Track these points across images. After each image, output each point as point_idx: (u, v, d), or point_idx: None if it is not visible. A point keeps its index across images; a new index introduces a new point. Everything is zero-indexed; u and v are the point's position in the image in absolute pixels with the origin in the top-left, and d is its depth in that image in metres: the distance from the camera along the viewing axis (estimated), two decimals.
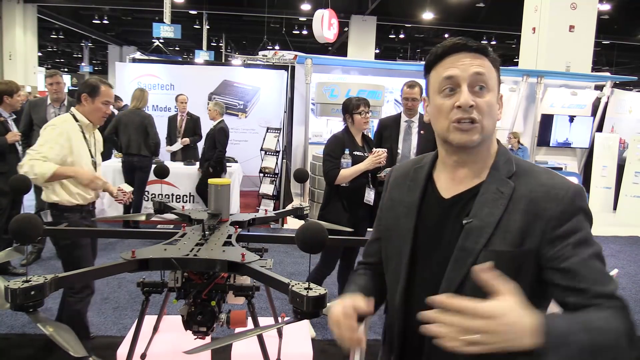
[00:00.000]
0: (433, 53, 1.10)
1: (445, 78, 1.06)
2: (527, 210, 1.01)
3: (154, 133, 5.57)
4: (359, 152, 3.29)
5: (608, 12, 13.32)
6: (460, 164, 1.11)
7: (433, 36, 19.91)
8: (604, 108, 8.61)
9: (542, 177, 1.05)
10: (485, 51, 1.08)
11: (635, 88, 13.41)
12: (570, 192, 1.01)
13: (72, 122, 2.76)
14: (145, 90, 5.85)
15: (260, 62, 9.72)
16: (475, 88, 1.04)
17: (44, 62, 27.25)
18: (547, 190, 1.02)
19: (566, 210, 0.99)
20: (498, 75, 1.10)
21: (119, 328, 3.41)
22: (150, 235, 2.25)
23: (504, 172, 1.08)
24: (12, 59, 15.07)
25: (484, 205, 1.05)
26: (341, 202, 3.27)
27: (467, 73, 1.04)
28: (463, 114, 1.03)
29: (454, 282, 1.03)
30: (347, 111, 3.30)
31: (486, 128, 1.05)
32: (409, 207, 1.15)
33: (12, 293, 1.25)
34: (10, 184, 2.21)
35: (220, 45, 23.90)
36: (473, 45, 1.06)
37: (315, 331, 3.41)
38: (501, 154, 1.11)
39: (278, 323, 2.34)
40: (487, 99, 1.05)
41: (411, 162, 1.25)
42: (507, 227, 1.01)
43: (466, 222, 1.05)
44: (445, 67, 1.07)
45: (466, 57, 1.05)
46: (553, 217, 0.99)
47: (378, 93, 6.56)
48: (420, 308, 1.05)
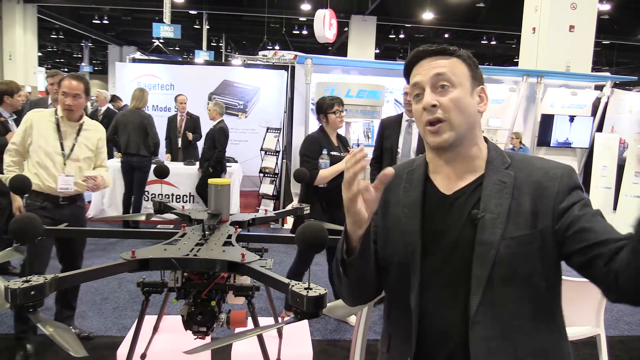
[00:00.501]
0: (404, 65, 1.17)
1: (412, 85, 1.14)
2: (532, 193, 1.07)
3: (153, 133, 5.57)
4: (336, 152, 3.30)
5: (608, 12, 13.32)
6: (450, 163, 1.14)
7: (433, 36, 19.88)
8: (604, 108, 8.60)
9: (536, 162, 1.12)
10: (447, 51, 1.12)
11: (635, 88, 13.40)
12: (566, 171, 1.09)
13: (45, 113, 2.94)
14: (145, 90, 5.85)
15: (260, 62, 9.72)
16: (438, 88, 1.09)
17: (44, 62, 27.24)
18: (546, 172, 1.09)
19: (567, 184, 1.07)
20: (471, 70, 1.13)
21: (119, 328, 3.41)
22: (150, 235, 2.25)
23: (500, 164, 1.12)
24: (12, 59, 15.05)
25: (491, 198, 1.08)
26: (320, 203, 3.26)
27: (427, 75, 1.10)
28: (429, 114, 1.09)
29: (483, 278, 1.04)
30: (322, 111, 3.30)
31: (456, 124, 1.09)
32: (410, 207, 1.15)
33: (12, 293, 1.25)
34: (10, 184, 2.21)
35: (220, 45, 23.89)
36: (433, 49, 1.12)
37: (315, 331, 3.41)
38: (492, 149, 1.16)
39: (278, 323, 2.34)
40: (451, 96, 1.09)
41: (401, 165, 1.26)
42: (518, 213, 1.06)
43: (479, 216, 1.07)
44: (412, 76, 1.14)
45: (428, 62, 1.12)
46: (558, 192, 1.06)
47: (378, 93, 6.56)
48: (440, 304, 1.09)
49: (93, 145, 3.04)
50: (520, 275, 1.04)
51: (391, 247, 1.16)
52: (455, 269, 1.08)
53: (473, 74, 1.14)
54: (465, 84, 1.11)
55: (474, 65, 1.15)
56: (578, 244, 1.01)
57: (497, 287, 1.04)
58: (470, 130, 1.11)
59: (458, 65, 1.11)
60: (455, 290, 1.07)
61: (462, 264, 1.07)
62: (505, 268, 1.03)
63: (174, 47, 25.79)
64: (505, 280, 1.03)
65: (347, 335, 3.43)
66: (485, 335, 1.04)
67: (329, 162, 3.22)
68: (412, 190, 1.17)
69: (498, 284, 1.03)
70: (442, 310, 1.08)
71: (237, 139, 8.24)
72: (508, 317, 1.04)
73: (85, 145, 3.00)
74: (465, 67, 1.12)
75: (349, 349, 2.95)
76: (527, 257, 1.04)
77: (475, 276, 1.05)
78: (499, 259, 1.03)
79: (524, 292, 1.05)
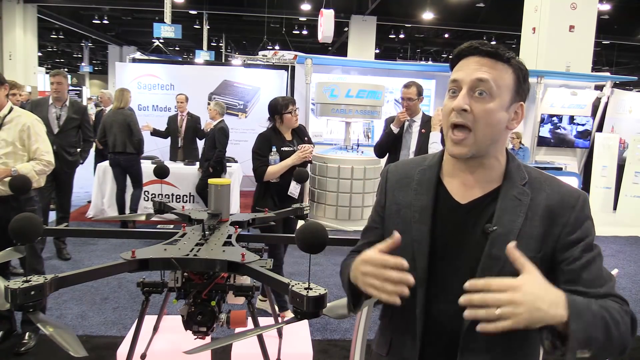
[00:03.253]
0: (454, 55, 1.10)
1: (451, 81, 1.07)
2: (544, 217, 1.05)
3: (137, 130, 5.61)
4: (288, 147, 3.36)
5: (608, 12, 13.31)
6: (468, 170, 1.10)
7: (433, 36, 19.90)
8: (604, 108, 8.60)
9: (553, 185, 1.09)
10: (499, 55, 1.04)
11: (635, 88, 13.40)
12: (581, 201, 1.07)
13: None
14: (127, 90, 5.86)
15: (260, 62, 9.72)
16: (476, 93, 1.03)
17: (44, 62, 27.24)
18: (561, 199, 1.06)
19: (579, 217, 1.05)
20: (517, 82, 1.06)
21: (119, 328, 3.41)
22: (150, 235, 2.25)
23: (518, 179, 1.09)
24: (12, 59, 15.05)
25: (505, 212, 1.06)
26: (272, 198, 3.34)
27: (469, 77, 1.04)
28: (456, 117, 1.04)
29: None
30: (276, 112, 3.36)
31: (480, 137, 1.04)
32: (420, 211, 1.12)
33: (12, 293, 1.25)
34: (10, 184, 2.21)
35: (220, 45, 23.89)
36: (485, 49, 1.05)
37: (315, 331, 3.41)
38: (511, 159, 1.12)
39: (278, 323, 2.34)
40: (486, 106, 1.03)
41: (411, 163, 1.22)
42: (529, 234, 1.04)
43: (491, 229, 1.05)
44: (455, 70, 1.08)
45: (475, 61, 1.05)
46: (568, 223, 1.04)
47: (378, 93, 6.56)
48: (444, 312, 1.08)
49: (12, 138, 2.90)
50: None
51: (400, 252, 1.13)
52: (461, 279, 1.07)
53: (518, 87, 1.06)
54: (505, 97, 1.04)
55: (522, 78, 1.07)
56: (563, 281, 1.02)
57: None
58: (492, 145, 1.07)
59: (505, 74, 1.04)
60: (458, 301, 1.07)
61: (467, 276, 1.04)
62: None
63: (174, 47, 25.79)
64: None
65: (347, 335, 3.43)
66: (474, 348, 1.05)
67: (279, 158, 3.29)
68: (424, 194, 1.13)
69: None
70: (446, 319, 1.08)
71: (237, 139, 8.23)
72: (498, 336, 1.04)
73: (3, 141, 2.88)
74: (512, 78, 1.05)
75: (349, 349, 2.95)
76: None
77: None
78: (502, 275, 1.02)
79: None
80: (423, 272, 1.09)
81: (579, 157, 8.84)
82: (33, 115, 3.08)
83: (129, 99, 5.82)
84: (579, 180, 7.59)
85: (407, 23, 17.64)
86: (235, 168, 6.71)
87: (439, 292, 1.09)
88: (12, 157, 2.91)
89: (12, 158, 2.91)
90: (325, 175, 6.41)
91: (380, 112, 6.72)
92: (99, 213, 6.26)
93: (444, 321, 1.08)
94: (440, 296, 1.08)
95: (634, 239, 6.71)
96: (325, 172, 6.41)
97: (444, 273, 1.09)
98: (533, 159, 8.08)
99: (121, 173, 5.72)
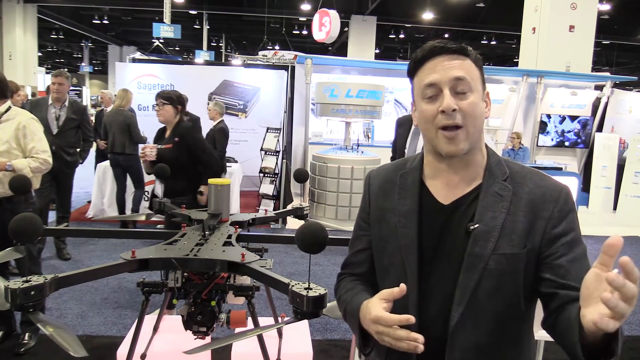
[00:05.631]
0: (413, 59, 1.10)
1: (427, 85, 1.06)
2: (528, 212, 1.05)
3: (136, 134, 5.62)
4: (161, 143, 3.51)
5: (608, 12, 13.32)
6: (452, 169, 1.10)
7: (433, 36, 19.88)
8: (604, 108, 8.60)
9: (534, 177, 1.09)
10: (465, 51, 1.07)
11: (635, 88, 13.38)
12: (563, 193, 1.07)
13: None
14: (129, 91, 5.91)
15: (260, 62, 9.72)
16: (457, 91, 1.04)
17: (44, 62, 27.25)
18: (543, 192, 1.06)
19: (562, 209, 1.05)
20: (481, 73, 1.10)
21: (119, 328, 3.40)
22: (150, 235, 2.25)
23: (499, 174, 1.09)
24: (12, 59, 15.07)
25: (487, 209, 1.06)
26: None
27: (447, 77, 1.04)
28: (447, 119, 1.03)
29: (468, 289, 1.04)
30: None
31: (471, 132, 1.05)
32: (406, 216, 1.12)
33: (12, 293, 1.25)
34: (10, 184, 2.20)
35: (220, 45, 23.89)
36: (452, 47, 1.06)
37: (315, 331, 3.41)
38: (491, 155, 1.13)
39: (278, 323, 2.34)
40: (470, 101, 1.04)
41: (392, 167, 1.22)
42: (512, 229, 1.04)
43: (472, 227, 1.05)
44: (426, 73, 1.07)
45: (446, 60, 1.06)
46: (552, 217, 1.04)
47: (378, 93, 6.56)
48: (434, 316, 1.07)
49: (8, 136, 2.89)
50: (504, 292, 1.04)
51: (388, 258, 1.14)
52: (450, 279, 1.06)
53: (482, 77, 1.10)
54: (479, 88, 1.07)
55: (481, 68, 1.10)
56: (550, 274, 1.02)
57: (480, 300, 1.03)
58: (479, 136, 1.09)
59: (472, 68, 1.07)
60: (447, 301, 1.06)
61: (455, 275, 1.06)
62: (491, 283, 1.03)
63: (174, 47, 25.80)
64: (489, 295, 1.03)
65: (347, 335, 3.43)
66: (461, 346, 1.04)
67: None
68: (408, 198, 1.13)
69: (482, 298, 1.03)
70: (438, 321, 1.08)
71: (237, 139, 8.23)
72: (484, 333, 1.05)
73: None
74: (477, 70, 1.08)
75: (349, 349, 2.95)
76: (514, 276, 1.04)
77: (460, 287, 1.04)
78: (486, 273, 1.03)
79: (504, 309, 1.04)
80: (413, 277, 1.09)
81: (579, 157, 8.85)
82: (29, 114, 3.07)
83: (131, 99, 5.86)
84: (579, 181, 7.59)
85: (407, 23, 17.65)
86: (235, 168, 6.71)
87: (429, 293, 1.09)
88: (7, 155, 2.90)
89: (6, 157, 2.89)
90: (325, 175, 6.41)
91: (380, 112, 6.72)
92: (99, 213, 6.26)
93: (433, 321, 1.08)
94: (430, 297, 1.09)
95: (634, 239, 6.70)
96: (325, 172, 6.41)
97: (433, 275, 1.09)
98: (533, 159, 8.08)
99: (122, 173, 5.74)
